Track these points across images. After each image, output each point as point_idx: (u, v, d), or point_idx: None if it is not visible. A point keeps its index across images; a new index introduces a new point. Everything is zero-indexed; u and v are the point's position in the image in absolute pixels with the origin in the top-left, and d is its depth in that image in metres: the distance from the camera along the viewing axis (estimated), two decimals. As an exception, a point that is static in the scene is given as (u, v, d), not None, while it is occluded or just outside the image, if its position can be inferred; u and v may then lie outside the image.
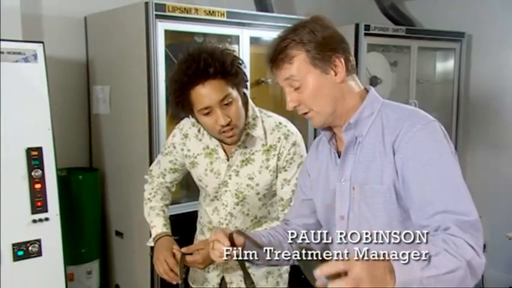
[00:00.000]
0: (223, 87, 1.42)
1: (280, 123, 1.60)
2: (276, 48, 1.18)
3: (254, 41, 2.63)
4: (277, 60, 1.18)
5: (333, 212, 1.22)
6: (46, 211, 2.09)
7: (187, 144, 1.63)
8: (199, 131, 1.61)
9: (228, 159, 1.59)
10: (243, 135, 1.55)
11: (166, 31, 2.32)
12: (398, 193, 1.12)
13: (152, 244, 1.60)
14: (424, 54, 3.58)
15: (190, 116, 1.53)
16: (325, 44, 1.16)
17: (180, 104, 1.45)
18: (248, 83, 1.55)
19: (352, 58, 1.20)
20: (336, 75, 1.16)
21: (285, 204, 1.60)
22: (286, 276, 1.72)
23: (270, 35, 2.69)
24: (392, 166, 1.11)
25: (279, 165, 1.57)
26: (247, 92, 1.59)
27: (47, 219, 2.09)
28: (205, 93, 1.41)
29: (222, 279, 1.68)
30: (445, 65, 3.81)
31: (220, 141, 1.56)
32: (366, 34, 3.10)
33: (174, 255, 1.53)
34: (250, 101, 1.58)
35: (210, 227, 1.70)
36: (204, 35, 2.55)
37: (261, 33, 2.69)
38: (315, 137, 2.30)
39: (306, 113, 1.19)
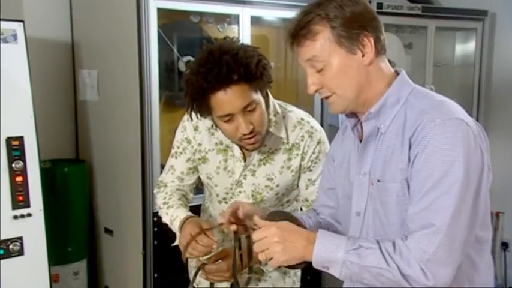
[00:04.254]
0: (246, 93, 1.39)
1: (302, 119, 1.60)
2: (298, 23, 1.15)
3: (255, 20, 2.61)
4: (298, 36, 1.16)
5: (350, 206, 1.23)
6: (28, 206, 2.08)
7: (197, 137, 1.62)
8: (212, 126, 1.60)
9: (244, 158, 1.59)
10: None
11: (159, 10, 2.30)
12: None
13: (178, 242, 1.55)
14: (442, 35, 3.54)
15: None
16: (353, 21, 1.13)
17: (197, 108, 1.43)
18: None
19: (384, 38, 1.18)
20: (363, 56, 1.14)
21: (310, 205, 1.62)
22: (299, 274, 1.77)
23: (272, 14, 2.70)
24: (407, 163, 1.10)
25: (302, 166, 1.59)
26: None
27: (29, 215, 2.09)
28: (227, 100, 1.38)
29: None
30: (466, 47, 3.78)
31: (240, 146, 1.57)
32: (378, 13, 3.04)
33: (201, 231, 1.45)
34: (270, 97, 1.57)
35: (220, 228, 1.63)
36: (201, 14, 2.54)
37: (263, 12, 2.66)
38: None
39: (327, 97, 1.18)
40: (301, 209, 1.74)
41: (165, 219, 1.64)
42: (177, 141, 1.66)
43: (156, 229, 2.38)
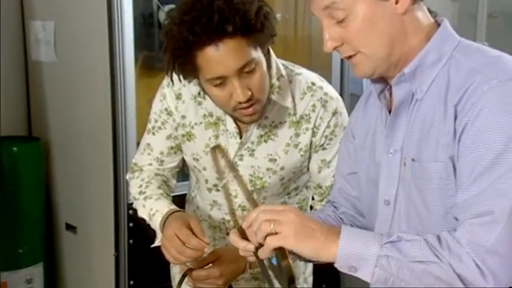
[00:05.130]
0: (244, 49, 1.37)
1: (313, 83, 1.59)
2: None
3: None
4: None
5: (377, 194, 1.24)
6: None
7: (180, 108, 1.61)
8: (199, 93, 1.60)
9: (240, 134, 1.59)
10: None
11: None
12: None
13: (159, 243, 1.55)
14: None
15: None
16: None
17: (180, 68, 1.41)
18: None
19: None
20: (396, 3, 1.13)
21: (324, 193, 1.65)
22: (310, 280, 1.81)
23: None
24: (451, 137, 1.10)
25: (314, 143, 1.60)
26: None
27: (-34, 207, 2.06)
28: (219, 58, 1.36)
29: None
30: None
31: (235, 119, 1.57)
32: None
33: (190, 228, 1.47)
34: (273, 55, 1.56)
35: (211, 223, 1.74)
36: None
37: None
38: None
39: (349, 57, 1.17)
40: (312, 198, 1.76)
41: (142, 213, 1.65)
42: (155, 113, 1.66)
43: (131, 224, 2.41)
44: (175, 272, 1.74)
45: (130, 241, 2.44)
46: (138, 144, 1.83)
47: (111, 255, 2.44)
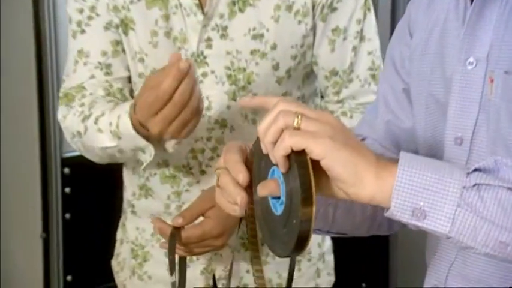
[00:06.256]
0: None
1: None
2: None
3: None
4: None
5: (444, 126, 1.14)
6: None
7: None
8: None
9: (201, 7, 1.50)
10: None
11: None
12: None
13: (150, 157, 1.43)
14: None
15: None
16: None
17: None
18: None
19: None
20: None
21: (341, 81, 1.56)
22: (330, 259, 1.72)
23: None
24: None
25: (316, 3, 1.52)
26: None
27: None
28: None
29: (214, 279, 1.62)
30: None
31: None
32: None
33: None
34: None
35: (167, 174, 1.60)
36: None
37: None
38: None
39: None
40: (322, 97, 1.67)
41: (99, 142, 1.48)
42: (76, 1, 1.55)
43: (67, 190, 2.22)
44: (123, 279, 1.63)
45: (67, 216, 2.23)
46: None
47: (38, 237, 2.21)
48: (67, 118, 1.53)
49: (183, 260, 1.46)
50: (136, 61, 1.55)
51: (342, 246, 1.69)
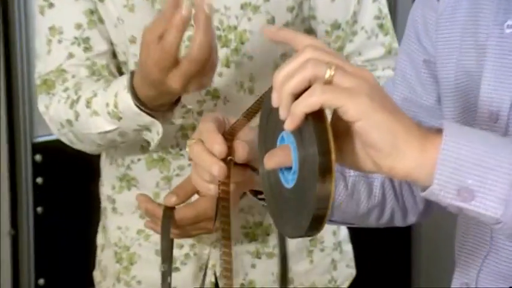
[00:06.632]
0: None
1: None
2: None
3: None
4: None
5: (477, 100, 1.06)
6: None
7: None
8: None
9: None
10: None
11: None
12: None
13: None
14: None
15: None
16: None
17: None
18: None
19: None
20: None
21: (344, 35, 1.53)
22: (348, 249, 1.66)
23: None
24: None
25: None
26: None
27: None
28: None
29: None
30: None
31: None
32: None
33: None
34: None
35: (155, 157, 1.57)
36: None
37: None
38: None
39: None
40: None
41: (97, 127, 1.42)
42: None
43: (39, 181, 2.14)
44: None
45: (38, 210, 2.16)
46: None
47: (5, 234, 2.16)
48: (50, 107, 1.45)
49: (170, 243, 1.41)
50: (129, 43, 1.48)
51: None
